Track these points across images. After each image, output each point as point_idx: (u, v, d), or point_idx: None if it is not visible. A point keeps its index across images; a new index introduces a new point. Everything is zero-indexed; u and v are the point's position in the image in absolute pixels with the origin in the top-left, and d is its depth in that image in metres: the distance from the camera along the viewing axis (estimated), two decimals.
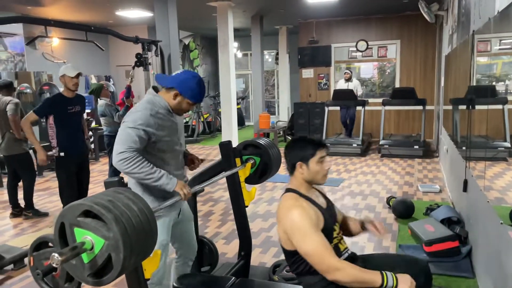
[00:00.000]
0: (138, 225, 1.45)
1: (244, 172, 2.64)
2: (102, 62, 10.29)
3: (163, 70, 6.01)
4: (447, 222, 3.68)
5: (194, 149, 8.82)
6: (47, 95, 7.91)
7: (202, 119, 10.88)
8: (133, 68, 5.30)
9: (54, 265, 1.35)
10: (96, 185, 5.72)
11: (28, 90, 7.77)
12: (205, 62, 13.15)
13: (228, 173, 2.54)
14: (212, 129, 11.23)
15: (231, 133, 8.10)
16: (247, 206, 2.68)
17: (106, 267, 1.45)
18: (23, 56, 8.12)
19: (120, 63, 10.46)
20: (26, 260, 3.45)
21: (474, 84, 3.77)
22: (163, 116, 2.11)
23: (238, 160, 2.67)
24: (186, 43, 11.96)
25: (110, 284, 3.09)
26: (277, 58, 12.58)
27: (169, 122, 2.15)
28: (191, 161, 2.48)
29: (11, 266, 3.38)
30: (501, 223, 2.16)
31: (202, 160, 2.58)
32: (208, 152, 8.69)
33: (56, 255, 1.33)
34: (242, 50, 13.31)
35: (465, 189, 3.50)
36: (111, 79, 10.39)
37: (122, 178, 1.78)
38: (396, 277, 1.69)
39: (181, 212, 2.38)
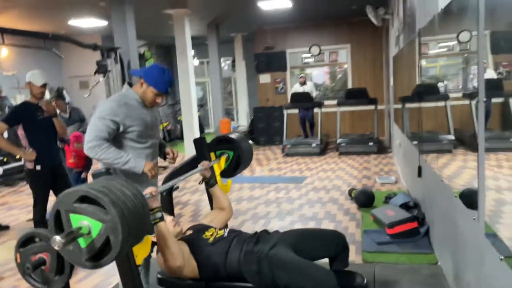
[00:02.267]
0: (133, 208, 1.52)
1: (219, 165, 2.75)
2: (55, 73, 9.97)
3: (123, 77, 5.98)
4: (404, 207, 3.97)
5: None
6: None
7: (161, 127, 10.81)
8: (95, 74, 5.26)
9: (56, 247, 1.40)
10: None
11: None
12: None
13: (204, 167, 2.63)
14: (172, 137, 11.19)
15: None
16: None
17: (103, 250, 1.51)
18: None
19: (74, 74, 10.20)
20: None
21: (420, 81, 4.11)
22: (133, 107, 2.27)
23: (213, 155, 2.78)
24: (141, 52, 11.85)
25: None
26: (233, 65, 12.77)
27: (139, 113, 2.30)
28: (167, 153, 2.59)
29: None
30: (455, 196, 2.41)
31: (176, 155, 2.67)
32: None
33: (58, 237, 1.39)
34: (198, 58, 13.37)
35: (419, 174, 3.80)
36: (64, 91, 10.08)
37: (109, 169, 1.84)
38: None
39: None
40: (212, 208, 2.72)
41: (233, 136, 2.89)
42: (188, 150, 8.28)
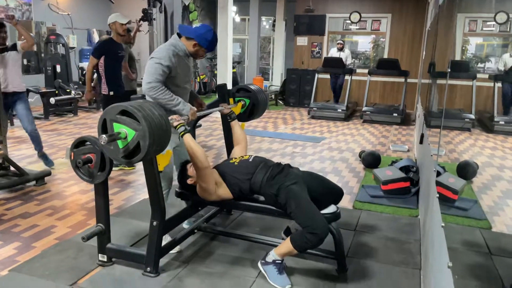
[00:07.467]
0: (158, 124, 2.05)
1: (235, 110, 3.23)
2: (104, 17, 10.60)
3: (166, 27, 6.47)
4: (404, 170, 4.35)
5: None
6: (53, 45, 8.37)
7: (198, 79, 11.35)
8: (139, 21, 5.74)
9: (102, 143, 1.96)
10: None
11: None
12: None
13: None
14: (208, 89, 11.73)
15: None
16: None
17: (134, 152, 2.06)
18: (30, 6, 8.45)
19: None
20: (46, 179, 4.08)
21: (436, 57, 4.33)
22: (182, 57, 2.73)
23: (231, 100, 3.26)
24: (186, 4, 12.22)
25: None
26: (274, 25, 12.93)
27: (184, 63, 2.76)
28: (199, 104, 3.06)
29: (34, 182, 4.00)
30: (431, 156, 2.80)
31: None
32: None
33: (105, 136, 1.94)
34: (240, 15, 13.60)
35: (421, 141, 4.15)
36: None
37: (144, 95, 2.36)
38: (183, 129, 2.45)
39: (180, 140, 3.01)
40: (226, 141, 3.22)
41: (252, 86, 3.35)
42: None
